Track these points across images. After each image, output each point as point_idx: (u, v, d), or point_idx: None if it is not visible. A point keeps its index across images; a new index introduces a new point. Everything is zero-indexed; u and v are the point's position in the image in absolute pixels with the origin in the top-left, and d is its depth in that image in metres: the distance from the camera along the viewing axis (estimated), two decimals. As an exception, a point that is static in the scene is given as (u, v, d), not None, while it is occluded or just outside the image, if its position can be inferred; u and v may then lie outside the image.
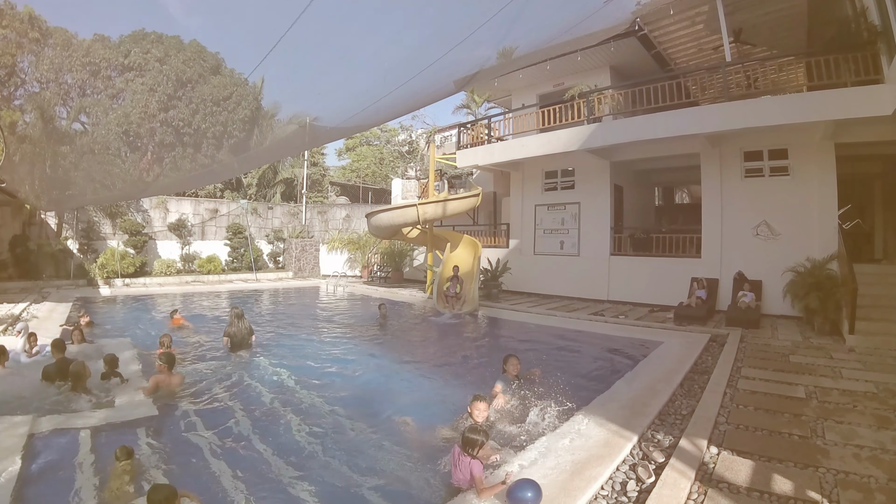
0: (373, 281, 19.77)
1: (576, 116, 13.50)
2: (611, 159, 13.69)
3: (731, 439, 4.73)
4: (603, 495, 3.90)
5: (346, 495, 4.26)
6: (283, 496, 4.25)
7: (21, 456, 4.41)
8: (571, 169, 14.84)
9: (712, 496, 3.73)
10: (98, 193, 11.47)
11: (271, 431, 5.66)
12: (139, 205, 19.32)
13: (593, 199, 14.21)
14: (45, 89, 7.71)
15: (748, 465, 4.20)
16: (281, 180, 24.98)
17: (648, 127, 11.67)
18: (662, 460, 4.36)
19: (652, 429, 5.11)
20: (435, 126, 28.70)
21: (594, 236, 14.13)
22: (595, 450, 4.51)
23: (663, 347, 8.29)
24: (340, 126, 8.00)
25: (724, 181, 11.75)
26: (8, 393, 6.30)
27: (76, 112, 8.27)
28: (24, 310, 11.30)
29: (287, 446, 5.25)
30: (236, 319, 8.86)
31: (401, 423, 5.45)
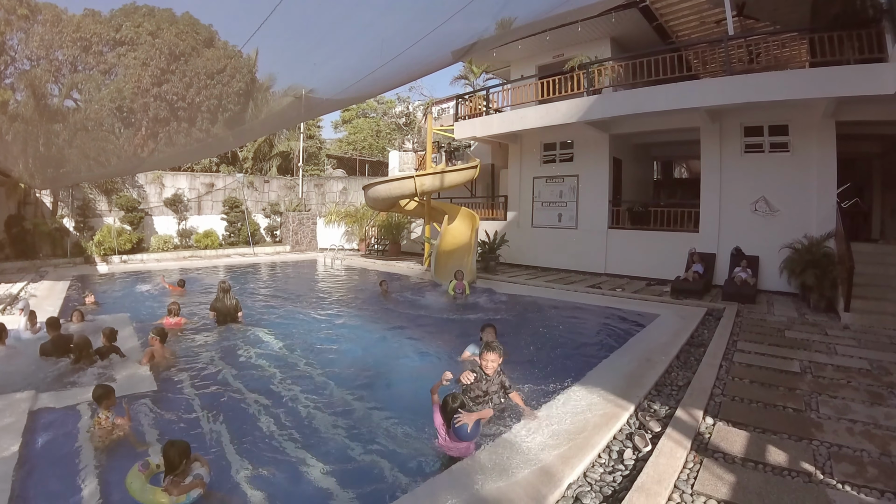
0: (370, 254, 19.75)
1: (575, 88, 13.34)
2: (610, 132, 13.57)
3: (726, 410, 4.81)
4: (600, 463, 3.98)
5: (341, 462, 4.35)
6: (279, 463, 4.35)
7: (22, 432, 4.45)
8: (570, 141, 14.72)
9: (708, 465, 3.81)
10: (93, 170, 11.34)
11: (266, 400, 5.77)
12: (134, 181, 19.12)
13: (592, 172, 14.13)
14: (35, 67, 7.55)
15: (743, 436, 4.28)
16: (277, 153, 24.75)
17: (648, 99, 11.54)
18: (659, 430, 4.45)
19: (648, 399, 5.21)
20: (432, 98, 28.40)
21: (592, 209, 14.10)
22: (592, 419, 4.59)
23: (660, 320, 8.37)
24: (336, 97, 7.86)
25: (724, 156, 11.69)
26: (9, 370, 6.35)
27: (68, 89, 8.12)
28: (22, 289, 11.31)
29: (283, 414, 5.37)
30: (223, 294, 9.03)
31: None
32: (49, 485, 3.88)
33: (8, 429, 4.49)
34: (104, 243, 16.84)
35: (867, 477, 3.56)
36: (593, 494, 3.50)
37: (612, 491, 3.55)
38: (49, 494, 3.76)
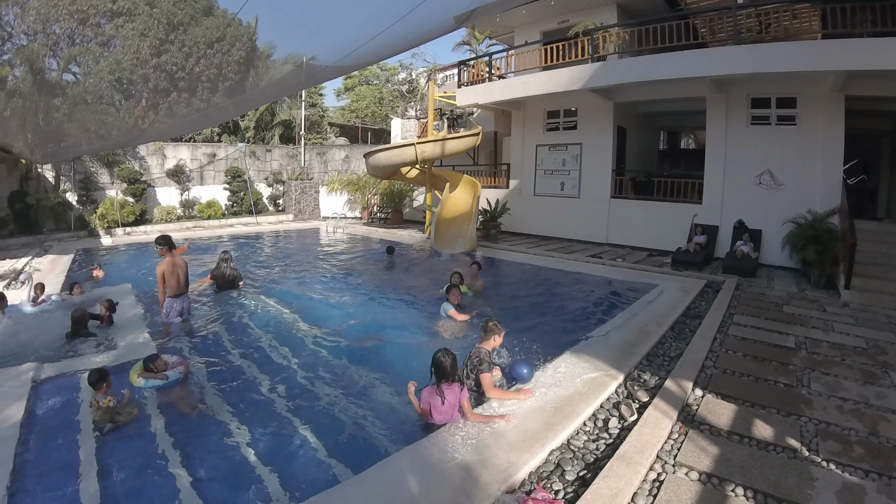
0: (373, 222, 19.73)
1: (579, 55, 13.03)
2: (614, 100, 13.31)
3: (716, 383, 4.85)
4: (585, 431, 4.04)
5: (331, 426, 4.48)
6: (271, 425, 4.50)
7: (25, 402, 4.57)
8: (574, 109, 14.49)
9: (693, 437, 3.86)
10: (93, 143, 11.28)
11: (261, 364, 5.96)
12: (136, 152, 19.00)
13: (595, 141, 13.93)
14: (32, 41, 7.47)
15: (731, 409, 4.32)
16: (279, 122, 24.53)
17: (653, 67, 11.26)
18: (647, 400, 4.49)
19: (639, 369, 5.25)
20: (436, 64, 27.95)
21: (595, 178, 13.96)
22: (580, 387, 4.65)
23: (658, 291, 8.37)
24: (337, 65, 7.70)
25: (730, 127, 11.44)
26: (11, 341, 6.50)
27: (66, 62, 8.04)
28: (27, 264, 11.39)
29: (278, 378, 5.54)
30: (223, 263, 9.21)
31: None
32: (50, 452, 4.00)
33: (11, 399, 4.60)
34: (107, 216, 16.88)
35: (853, 456, 3.57)
36: (575, 461, 3.58)
37: (595, 459, 3.62)
38: (50, 461, 3.87)
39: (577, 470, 3.49)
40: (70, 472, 3.73)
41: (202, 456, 4.00)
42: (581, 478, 3.39)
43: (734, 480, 3.29)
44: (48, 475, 3.70)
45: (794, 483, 3.26)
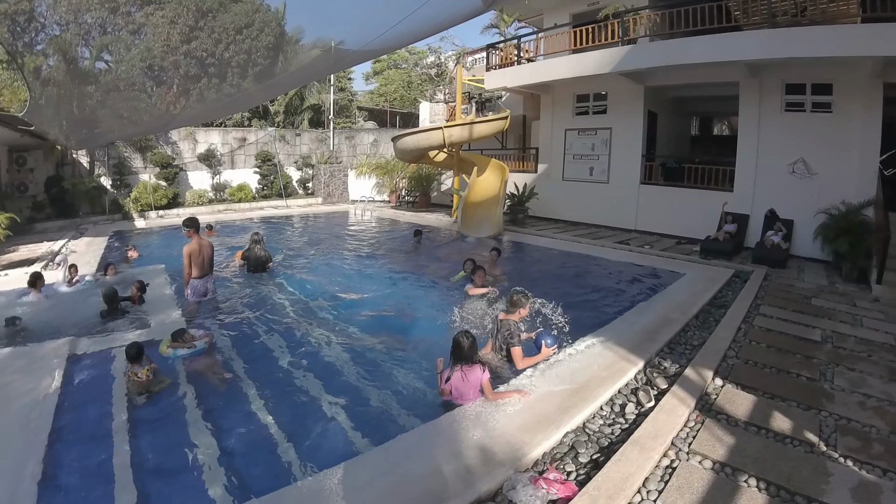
0: (400, 205, 19.81)
1: (609, 38, 12.77)
2: (645, 84, 12.98)
3: (737, 373, 4.79)
4: (601, 415, 4.07)
5: (354, 402, 4.65)
6: (297, 400, 4.72)
7: (61, 374, 4.84)
8: (604, 93, 14.22)
9: (709, 426, 3.85)
10: (126, 129, 11.58)
11: (289, 341, 6.18)
12: (168, 137, 19.42)
13: (625, 125, 13.65)
14: (65, 31, 7.66)
15: (750, 399, 4.27)
16: (308, 107, 24.70)
17: (684, 51, 10.91)
18: (665, 387, 4.49)
19: (660, 356, 5.23)
20: (464, 47, 27.72)
21: (625, 163, 13.71)
22: (599, 372, 4.68)
23: (684, 279, 8.26)
24: (365, 49, 7.70)
25: (763, 113, 11.03)
26: (49, 318, 6.85)
27: (98, 51, 8.23)
28: (64, 246, 11.88)
29: (304, 355, 5.75)
30: (254, 245, 9.45)
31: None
32: (85, 420, 4.27)
33: (49, 371, 4.88)
34: (141, 199, 17.36)
35: (871, 453, 3.50)
36: (589, 445, 3.62)
37: (609, 443, 3.66)
38: (84, 429, 4.13)
39: (591, 453, 3.53)
40: (103, 440, 3.96)
41: (228, 425, 4.22)
42: (594, 461, 3.44)
43: (747, 471, 3.27)
44: (83, 442, 3.94)
45: (808, 477, 3.22)
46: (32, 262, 10.29)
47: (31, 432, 3.83)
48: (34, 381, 4.70)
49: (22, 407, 4.23)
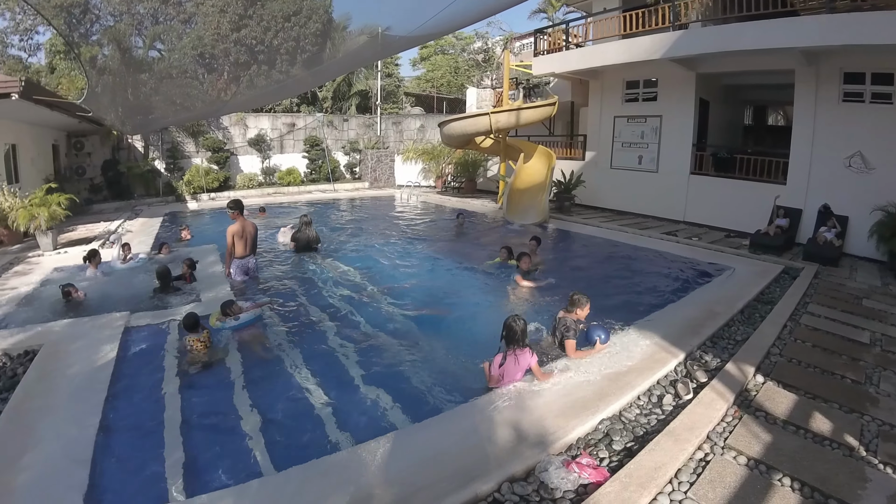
0: (446, 191, 19.92)
1: (660, 22, 12.40)
2: (697, 71, 12.54)
3: (779, 371, 4.70)
4: (638, 405, 4.10)
5: (396, 380, 4.86)
6: (341, 374, 5.00)
7: (118, 344, 5.24)
8: (655, 80, 13.82)
9: (747, 422, 3.82)
10: (179, 115, 12.01)
11: (335, 319, 6.49)
12: (219, 123, 20.08)
13: (676, 113, 13.25)
14: (119, 22, 7.99)
15: (791, 398, 4.20)
16: (355, 92, 25.00)
17: (736, 37, 10.45)
18: (705, 380, 4.46)
19: (701, 349, 5.19)
20: (511, 32, 27.40)
21: (674, 153, 13.33)
22: (639, 362, 4.70)
23: (732, 273, 8.07)
24: (412, 35, 7.76)
25: (819, 103, 10.45)
26: (104, 293, 7.39)
27: (151, 40, 8.58)
28: (120, 226, 12.65)
29: (349, 332, 6.04)
30: (304, 226, 9.75)
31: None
32: (138, 386, 4.64)
33: (107, 343, 5.28)
34: (193, 182, 18.12)
35: (914, 463, 3.37)
36: (625, 433, 3.67)
37: (644, 432, 3.69)
38: (138, 394, 4.51)
39: (626, 441, 3.57)
40: (155, 402, 4.35)
41: (273, 394, 4.54)
42: (628, 449, 3.49)
43: (782, 470, 3.24)
44: (136, 404, 4.33)
45: (844, 481, 3.16)
46: (90, 240, 10.99)
47: (90, 394, 4.23)
48: (93, 348, 5.13)
49: (82, 371, 4.66)
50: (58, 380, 4.49)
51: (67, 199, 10.99)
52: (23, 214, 10.10)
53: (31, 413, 3.91)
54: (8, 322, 6.12)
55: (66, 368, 4.71)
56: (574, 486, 2.99)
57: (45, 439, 3.56)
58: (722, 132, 14.83)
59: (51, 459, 3.35)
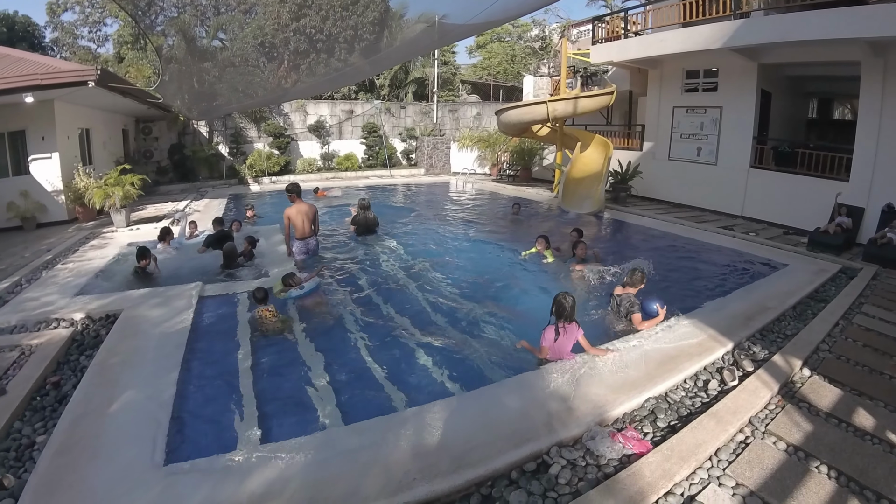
0: (501, 179, 20.05)
1: (721, 11, 12.11)
2: (759, 61, 12.17)
3: (827, 367, 4.74)
4: (684, 388, 4.31)
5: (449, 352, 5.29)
6: (398, 346, 5.45)
7: (192, 311, 5.89)
8: (715, 69, 13.53)
9: (789, 411, 3.94)
10: (242, 102, 12.60)
11: (393, 297, 7.02)
12: (280, 109, 20.94)
13: (736, 104, 12.92)
14: (182, 13, 8.45)
15: (836, 393, 4.25)
16: (412, 80, 25.40)
17: (800, 26, 10.06)
18: (751, 370, 4.59)
19: (750, 341, 5.27)
20: (569, 20, 27.10)
21: (734, 145, 13.02)
22: (688, 348, 4.88)
23: (787, 270, 7.99)
24: (469, 23, 7.83)
25: (887, 97, 9.95)
26: (176, 267, 8.18)
27: (214, 30, 9.03)
28: (187, 206, 13.70)
29: (406, 309, 6.56)
30: (362, 210, 10.22)
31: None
32: (212, 350, 5.25)
33: (183, 310, 5.94)
34: (255, 166, 19.08)
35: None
36: (669, 412, 3.91)
37: (688, 413, 3.92)
38: (212, 357, 5.11)
39: (670, 420, 3.81)
40: (227, 364, 4.94)
41: (335, 360, 5.06)
42: (671, 427, 3.73)
43: (821, 458, 3.36)
44: (210, 365, 4.93)
45: (882, 474, 3.23)
46: (160, 219, 11.98)
47: (168, 353, 4.85)
48: (170, 314, 5.80)
49: (160, 333, 5.30)
50: (138, 340, 5.15)
51: (140, 180, 11.93)
52: (98, 193, 11.10)
53: (115, 368, 4.56)
54: (88, 290, 6.92)
55: (146, 331, 5.37)
56: (618, 456, 3.28)
57: (130, 390, 4.15)
58: (784, 125, 14.37)
59: (135, 407, 3.92)
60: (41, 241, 10.19)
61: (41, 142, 11.74)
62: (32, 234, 10.96)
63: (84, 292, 6.79)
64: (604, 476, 3.12)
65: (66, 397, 4.18)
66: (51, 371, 4.73)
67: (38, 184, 11.77)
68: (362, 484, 2.96)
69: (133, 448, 3.40)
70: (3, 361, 4.85)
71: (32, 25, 27.98)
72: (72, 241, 9.87)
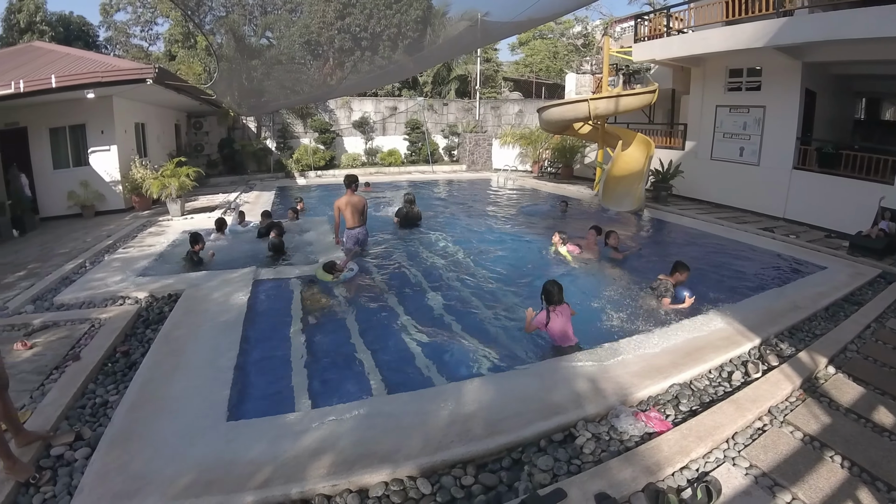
0: (542, 176, 20.14)
1: (764, 9, 11.90)
2: (803, 60, 11.94)
3: (852, 365, 4.78)
4: (709, 377, 4.51)
5: (486, 337, 5.70)
6: (437, 330, 5.84)
7: (248, 293, 6.44)
8: (759, 68, 13.33)
9: (809, 404, 4.06)
10: (289, 98, 13.01)
11: (434, 285, 7.47)
12: (326, 106, 21.65)
13: (780, 104, 12.70)
14: (230, 13, 8.86)
15: (858, 391, 4.32)
16: (455, 77, 25.73)
17: (845, 24, 9.83)
18: (776, 364, 4.71)
19: (778, 337, 5.35)
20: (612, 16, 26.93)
21: (777, 146, 12.82)
22: (715, 341, 5.06)
23: (824, 273, 7.92)
24: (512, 21, 7.84)
25: None
26: (233, 252, 8.89)
27: (262, 29, 9.42)
28: (237, 197, 14.53)
29: (445, 297, 7.00)
30: (407, 204, 10.62)
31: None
32: (267, 326, 5.81)
33: (239, 292, 6.50)
34: (301, 160, 19.84)
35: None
36: (692, 398, 4.13)
37: (710, 400, 4.12)
38: (267, 332, 5.65)
39: (692, 405, 4.03)
40: (281, 341, 5.46)
41: (379, 339, 5.55)
42: (692, 411, 3.95)
43: (836, 449, 3.49)
44: (266, 342, 5.44)
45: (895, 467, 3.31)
46: (212, 209, 12.77)
47: (228, 328, 5.37)
48: (228, 295, 6.38)
49: (220, 311, 5.85)
50: (200, 316, 5.70)
51: (195, 172, 12.65)
52: (156, 184, 11.87)
53: (179, 339, 5.11)
54: (148, 272, 7.61)
55: (206, 308, 5.94)
56: (640, 433, 3.56)
57: (193, 358, 4.68)
58: (829, 125, 14.01)
59: (199, 373, 4.42)
60: (100, 227, 11.00)
61: (100, 135, 12.60)
62: (91, 222, 11.84)
63: (145, 274, 7.49)
64: (625, 449, 3.41)
65: (135, 364, 4.74)
66: (119, 341, 5.33)
67: (97, 174, 12.66)
68: (405, 443, 3.35)
69: (198, 406, 3.89)
70: (76, 332, 5.48)
71: (87, 25, 29.69)
72: (130, 228, 10.63)
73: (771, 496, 3.04)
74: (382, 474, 3.10)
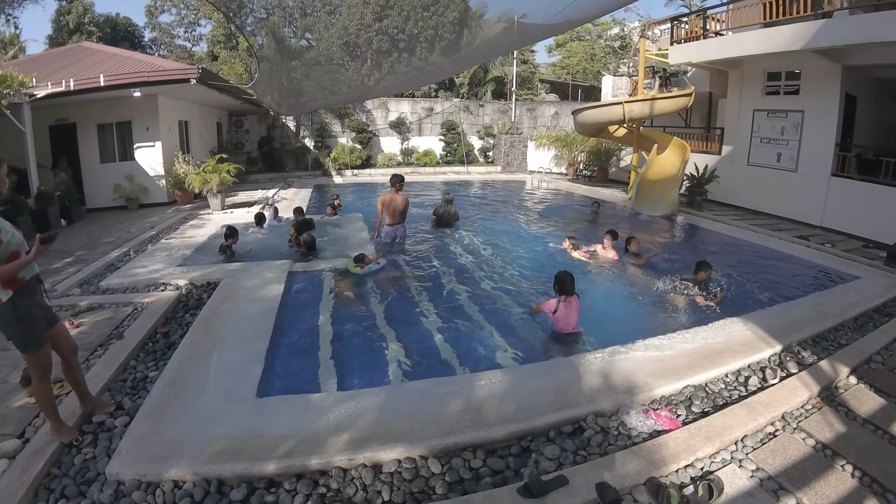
0: (577, 179, 20.11)
1: (803, 10, 11.61)
2: (843, 63, 11.61)
3: (875, 376, 4.67)
4: (725, 381, 4.53)
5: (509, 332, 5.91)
6: (464, 323, 6.11)
7: (283, 284, 6.80)
8: (797, 72, 12.99)
9: (826, 412, 4.01)
10: (327, 98, 13.38)
11: (464, 282, 7.71)
12: (363, 106, 22.16)
13: (818, 109, 12.36)
14: (271, 15, 9.17)
15: (879, 402, 4.23)
16: (491, 79, 25.83)
17: (886, 26, 9.49)
18: (795, 371, 4.67)
19: (801, 345, 5.27)
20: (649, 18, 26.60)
21: (815, 152, 12.47)
22: (734, 346, 5.06)
23: (857, 283, 7.73)
24: (549, 23, 7.75)
25: None
26: (270, 245, 9.36)
27: (301, 31, 9.70)
28: (276, 193, 15.08)
29: (474, 293, 7.24)
30: (445, 203, 10.86)
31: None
32: (299, 314, 6.16)
33: (274, 282, 6.87)
34: (339, 159, 20.34)
35: None
36: (705, 400, 4.17)
37: (724, 403, 4.15)
38: (299, 320, 6.00)
39: (705, 407, 4.07)
40: (312, 329, 5.81)
41: (403, 329, 5.82)
42: (705, 413, 3.99)
43: (848, 458, 3.44)
44: (299, 326, 5.83)
45: None
46: (251, 204, 13.26)
47: (263, 314, 5.73)
48: (264, 284, 6.76)
49: (256, 299, 6.22)
50: (236, 303, 6.07)
51: (235, 169, 13.13)
52: (198, 179, 12.38)
53: (216, 323, 5.49)
54: (189, 262, 8.10)
55: (242, 296, 6.32)
56: (649, 430, 3.66)
57: (229, 341, 5.02)
58: (871, 131, 13.52)
59: (234, 354, 4.75)
60: (144, 219, 11.59)
61: (145, 131, 13.23)
62: (135, 213, 12.47)
63: (186, 263, 8.00)
64: (632, 444, 3.52)
65: (174, 345, 5.13)
66: (160, 324, 5.75)
67: (142, 169, 13.30)
68: (419, 426, 3.58)
69: (231, 383, 4.22)
70: (120, 314, 5.96)
71: (132, 26, 30.99)
72: (172, 221, 11.16)
73: (775, 499, 3.08)
74: (396, 452, 3.34)
